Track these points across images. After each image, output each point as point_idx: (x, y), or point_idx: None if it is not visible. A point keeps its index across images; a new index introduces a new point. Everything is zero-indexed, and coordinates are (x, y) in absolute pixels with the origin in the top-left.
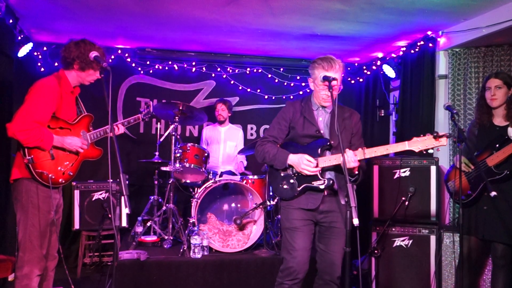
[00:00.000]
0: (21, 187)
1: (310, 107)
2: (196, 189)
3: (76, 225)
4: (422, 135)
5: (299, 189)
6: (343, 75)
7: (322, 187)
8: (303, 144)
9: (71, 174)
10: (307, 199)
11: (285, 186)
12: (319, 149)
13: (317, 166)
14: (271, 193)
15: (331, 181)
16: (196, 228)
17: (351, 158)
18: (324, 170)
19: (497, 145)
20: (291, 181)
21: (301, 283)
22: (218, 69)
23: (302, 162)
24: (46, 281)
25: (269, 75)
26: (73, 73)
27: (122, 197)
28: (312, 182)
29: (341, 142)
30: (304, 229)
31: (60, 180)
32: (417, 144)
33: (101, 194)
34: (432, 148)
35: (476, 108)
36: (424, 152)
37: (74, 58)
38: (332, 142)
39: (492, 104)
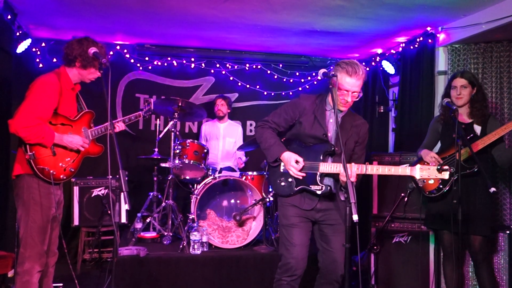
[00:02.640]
0: (22, 183)
1: (324, 106)
2: (195, 185)
3: (76, 222)
4: (426, 164)
5: (296, 189)
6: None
7: (319, 192)
8: (307, 145)
9: (72, 170)
10: (303, 200)
11: (282, 183)
12: (322, 154)
13: (301, 171)
14: (269, 190)
15: (328, 188)
16: (195, 224)
17: (353, 174)
18: (323, 175)
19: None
20: (289, 179)
21: (300, 280)
22: (217, 65)
23: (291, 161)
24: (46, 277)
25: (268, 71)
26: (74, 70)
27: (122, 193)
28: (310, 186)
29: (341, 142)
30: (301, 225)
31: (61, 176)
32: (420, 171)
33: (100, 190)
34: (433, 179)
35: (440, 105)
36: (424, 181)
37: (76, 56)
38: (336, 148)
39: (458, 102)
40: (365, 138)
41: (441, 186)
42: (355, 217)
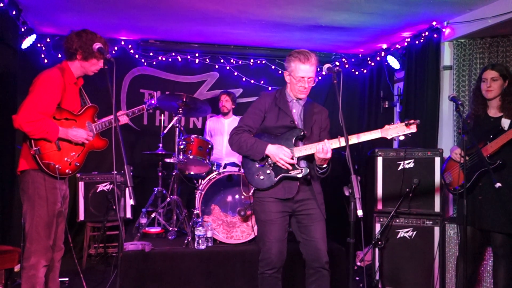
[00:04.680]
0: (27, 178)
1: (285, 98)
2: (200, 180)
3: (81, 217)
4: (392, 123)
5: (276, 179)
6: (318, 69)
7: (299, 176)
8: (277, 135)
9: (78, 164)
10: (284, 189)
11: (261, 177)
12: (294, 139)
13: (292, 158)
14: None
15: (308, 170)
16: (200, 220)
17: (329, 149)
18: (299, 159)
19: (491, 136)
20: (268, 171)
21: (281, 269)
22: (222, 61)
23: (280, 153)
24: (52, 271)
25: (273, 67)
26: (76, 63)
27: (127, 189)
28: (290, 172)
29: (342, 118)
30: (279, 221)
31: (67, 170)
32: (388, 131)
33: (105, 185)
34: (404, 135)
35: (472, 99)
36: (395, 140)
37: (77, 48)
38: (305, 132)
39: (488, 95)
40: (327, 123)
41: (463, 182)
42: (360, 212)
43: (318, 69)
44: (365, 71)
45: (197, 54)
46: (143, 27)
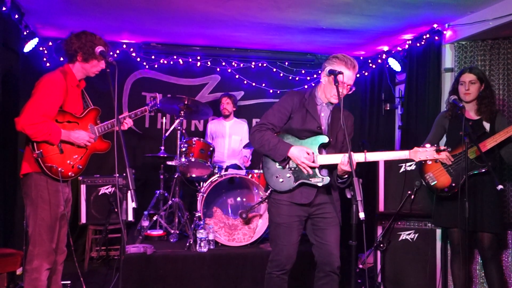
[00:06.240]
0: (30, 181)
1: (314, 101)
2: (201, 183)
3: (83, 220)
4: (422, 146)
5: (295, 184)
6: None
7: (320, 185)
8: (301, 138)
9: (80, 167)
10: (301, 194)
11: (280, 180)
12: (318, 146)
13: (313, 162)
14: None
15: (328, 179)
16: (202, 222)
17: (354, 162)
18: (321, 167)
19: (475, 139)
20: (287, 175)
21: (289, 271)
22: (223, 63)
23: (302, 156)
24: (55, 274)
25: (274, 69)
26: (77, 65)
27: (129, 192)
28: (310, 179)
29: (346, 133)
30: (294, 225)
31: (69, 173)
32: (418, 154)
33: (107, 188)
34: (431, 160)
35: (448, 102)
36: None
37: (76, 49)
38: (331, 139)
39: (466, 98)
40: (352, 130)
41: (453, 185)
42: (362, 215)
43: (320, 72)
44: (366, 73)
45: (198, 57)
46: (144, 30)
